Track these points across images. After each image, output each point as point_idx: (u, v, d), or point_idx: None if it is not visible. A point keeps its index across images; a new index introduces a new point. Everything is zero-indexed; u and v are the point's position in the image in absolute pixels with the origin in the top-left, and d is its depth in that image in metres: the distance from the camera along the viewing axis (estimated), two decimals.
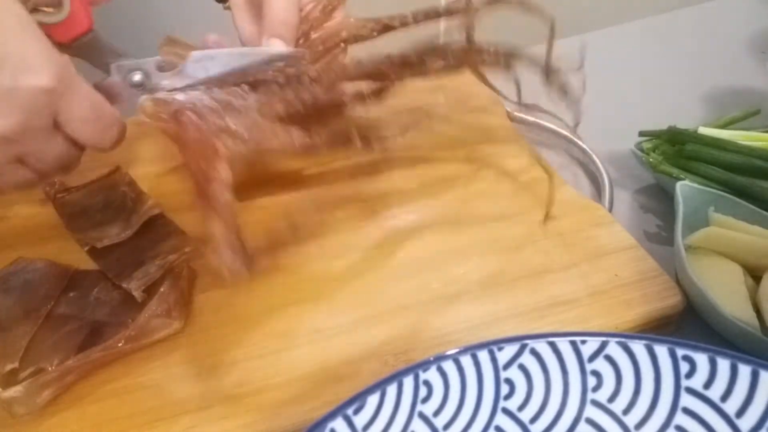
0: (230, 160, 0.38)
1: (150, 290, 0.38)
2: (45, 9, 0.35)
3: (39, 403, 0.34)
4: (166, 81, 0.39)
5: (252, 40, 0.47)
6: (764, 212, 0.43)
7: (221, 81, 0.40)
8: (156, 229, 0.43)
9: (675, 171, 0.48)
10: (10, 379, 0.34)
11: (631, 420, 0.30)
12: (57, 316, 0.38)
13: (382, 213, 0.46)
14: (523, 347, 0.31)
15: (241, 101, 0.42)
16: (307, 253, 0.43)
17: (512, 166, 0.49)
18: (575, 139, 0.55)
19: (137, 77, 0.39)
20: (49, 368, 0.35)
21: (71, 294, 0.39)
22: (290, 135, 0.41)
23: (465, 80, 0.59)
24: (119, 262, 0.40)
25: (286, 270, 0.42)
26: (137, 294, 0.38)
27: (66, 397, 0.35)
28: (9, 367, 0.35)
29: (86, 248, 0.42)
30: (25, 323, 0.37)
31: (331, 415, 0.28)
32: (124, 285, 0.38)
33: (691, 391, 0.30)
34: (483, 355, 0.30)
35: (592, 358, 0.31)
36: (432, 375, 0.30)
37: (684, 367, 0.30)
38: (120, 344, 0.36)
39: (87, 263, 0.41)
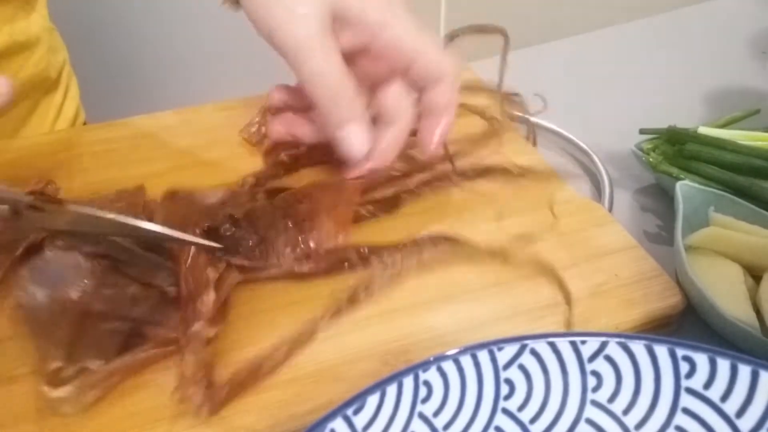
0: (220, 284, 0.38)
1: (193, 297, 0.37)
2: None
3: (85, 403, 0.33)
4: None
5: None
6: (764, 212, 0.43)
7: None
8: None
9: (675, 171, 0.48)
10: (55, 378, 0.33)
11: (631, 420, 0.30)
12: (94, 313, 0.36)
13: (381, 213, 0.46)
14: (523, 347, 0.31)
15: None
16: None
17: (512, 166, 0.49)
18: (575, 139, 0.55)
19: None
20: (94, 368, 0.34)
21: (106, 291, 0.38)
22: (290, 261, 0.41)
23: (464, 78, 0.60)
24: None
25: None
26: (169, 290, 0.38)
27: None
28: (54, 365, 0.33)
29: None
30: (62, 319, 0.35)
31: (331, 415, 0.28)
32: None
33: (691, 391, 0.30)
34: (483, 355, 0.30)
35: (592, 358, 0.31)
36: (432, 375, 0.30)
37: (684, 367, 0.30)
38: (168, 347, 0.36)
39: None
